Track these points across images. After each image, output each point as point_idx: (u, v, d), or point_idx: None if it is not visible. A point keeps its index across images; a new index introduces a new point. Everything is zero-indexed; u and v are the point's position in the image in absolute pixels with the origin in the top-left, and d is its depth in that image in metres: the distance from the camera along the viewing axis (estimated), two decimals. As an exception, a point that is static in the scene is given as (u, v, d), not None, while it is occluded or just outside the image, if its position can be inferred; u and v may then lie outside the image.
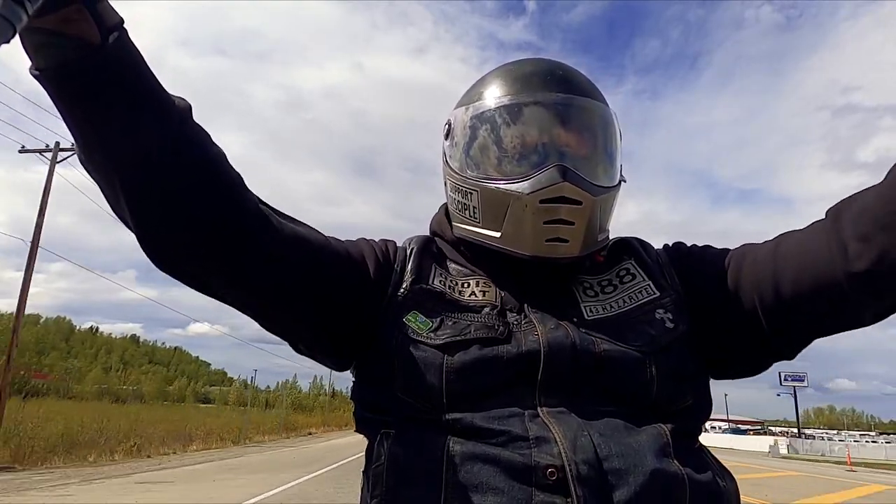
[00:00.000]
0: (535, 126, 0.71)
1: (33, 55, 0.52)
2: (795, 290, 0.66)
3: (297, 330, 0.72)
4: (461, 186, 0.76)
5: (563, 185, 0.68)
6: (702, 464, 0.63)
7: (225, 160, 0.63)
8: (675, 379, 0.67)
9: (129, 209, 0.58)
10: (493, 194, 0.72)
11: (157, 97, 0.57)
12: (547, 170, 0.69)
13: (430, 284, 0.74)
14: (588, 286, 0.75)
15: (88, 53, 0.51)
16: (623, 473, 0.57)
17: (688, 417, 0.67)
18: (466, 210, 0.76)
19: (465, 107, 0.78)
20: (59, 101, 0.54)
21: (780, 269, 0.67)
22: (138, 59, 0.55)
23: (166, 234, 0.60)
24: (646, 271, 0.76)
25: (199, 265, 0.63)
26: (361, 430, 0.72)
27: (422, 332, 0.68)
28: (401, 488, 0.61)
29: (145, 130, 0.56)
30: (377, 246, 0.78)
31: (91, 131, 0.55)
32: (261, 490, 8.43)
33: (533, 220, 0.69)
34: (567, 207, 0.69)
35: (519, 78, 0.75)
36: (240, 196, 0.63)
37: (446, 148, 0.80)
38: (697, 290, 0.74)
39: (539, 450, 0.59)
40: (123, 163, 0.56)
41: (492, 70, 0.81)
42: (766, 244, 0.72)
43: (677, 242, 0.82)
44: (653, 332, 0.68)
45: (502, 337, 0.67)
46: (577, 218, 0.70)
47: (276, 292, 0.67)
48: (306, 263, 0.68)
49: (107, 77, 0.53)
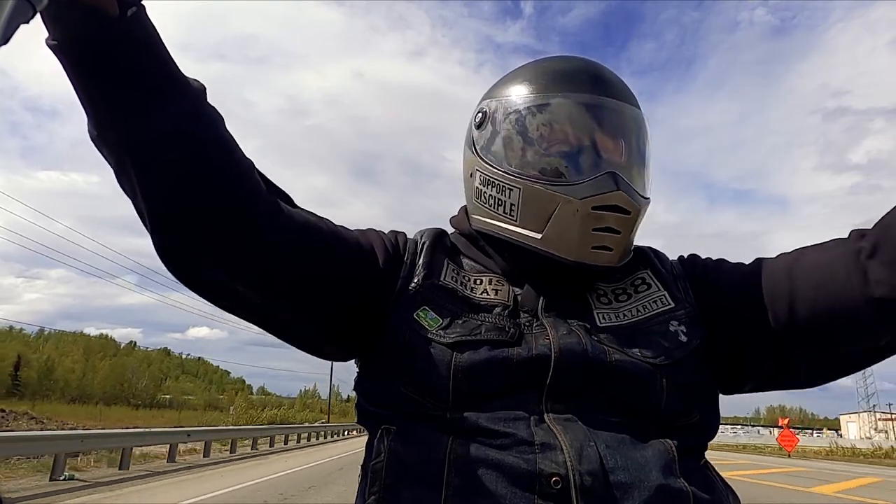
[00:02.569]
0: (589, 129, 0.69)
1: (50, 26, 0.52)
2: (811, 309, 0.64)
3: (302, 317, 0.70)
4: (498, 181, 0.72)
5: (618, 193, 0.66)
6: (707, 481, 0.63)
7: (236, 145, 0.62)
8: (684, 394, 0.65)
9: (139, 185, 0.57)
10: (540, 194, 0.69)
11: (173, 76, 0.56)
12: (601, 176, 0.67)
13: (442, 280, 0.72)
14: (602, 293, 0.73)
15: (106, 25, 0.51)
16: (628, 488, 0.56)
17: (694, 433, 0.66)
18: (501, 206, 0.73)
19: (508, 97, 0.74)
20: (74, 75, 0.53)
21: (797, 287, 0.66)
22: (155, 36, 0.55)
23: (176, 213, 0.59)
24: (661, 282, 0.74)
25: (208, 246, 0.61)
26: (363, 422, 0.71)
27: (431, 329, 0.66)
28: (400, 487, 0.60)
29: (159, 109, 0.55)
30: (387, 237, 0.76)
31: (104, 107, 0.55)
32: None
33: (581, 225, 0.67)
34: (616, 216, 0.67)
35: (567, 75, 0.72)
36: (250, 180, 0.63)
37: (477, 137, 0.76)
38: (711, 305, 0.72)
39: (544, 456, 0.58)
40: (135, 141, 0.55)
41: (533, 61, 0.77)
42: (782, 259, 0.71)
43: (692, 255, 0.81)
44: (666, 345, 0.67)
45: (513, 339, 0.66)
46: (623, 227, 0.68)
47: (285, 276, 0.65)
48: (316, 246, 0.67)
49: (123, 51, 0.52)
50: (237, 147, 0.62)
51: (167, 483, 8.24)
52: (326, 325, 0.70)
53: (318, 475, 9.59)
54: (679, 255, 0.82)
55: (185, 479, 8.87)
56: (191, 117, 0.57)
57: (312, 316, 0.69)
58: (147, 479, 8.52)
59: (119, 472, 8.86)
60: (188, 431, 12.48)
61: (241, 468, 10.88)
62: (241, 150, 0.63)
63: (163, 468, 10.00)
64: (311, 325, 0.71)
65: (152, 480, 8.40)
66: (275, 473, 9.85)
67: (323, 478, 9.18)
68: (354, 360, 0.77)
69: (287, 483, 8.37)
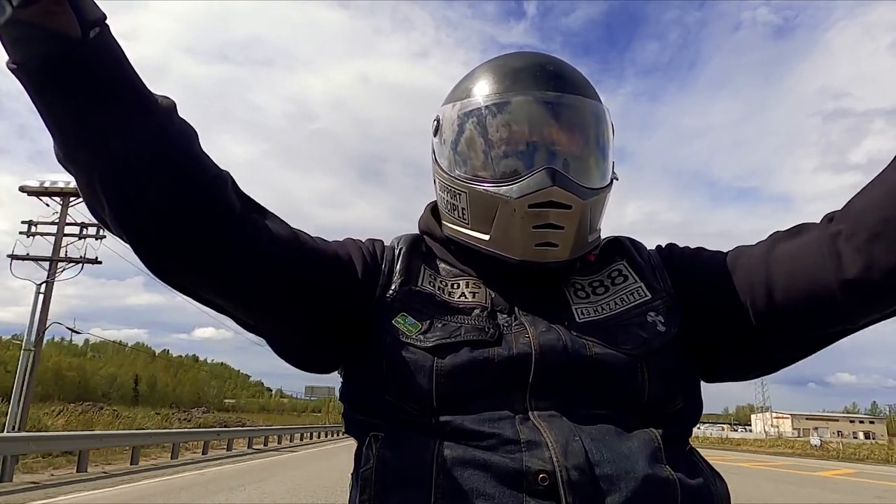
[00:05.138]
0: (524, 125, 0.70)
1: (11, 48, 0.51)
2: (788, 295, 0.66)
3: (282, 331, 0.71)
4: (450, 186, 0.74)
5: (552, 189, 0.66)
6: (693, 468, 0.64)
7: (209, 161, 0.62)
8: (666, 382, 0.66)
9: (108, 205, 0.57)
10: (482, 196, 0.70)
11: (139, 95, 0.56)
12: (536, 173, 0.67)
13: (420, 286, 0.73)
14: (579, 287, 0.74)
15: (68, 47, 0.51)
16: (615, 479, 0.57)
17: (679, 420, 0.68)
18: (455, 210, 0.75)
19: (453, 103, 0.76)
20: (38, 97, 0.53)
21: (773, 273, 0.67)
22: (120, 56, 0.55)
23: (147, 232, 0.59)
24: (638, 272, 0.75)
25: (183, 264, 0.62)
26: (350, 431, 0.72)
27: (411, 335, 0.67)
28: (390, 492, 0.61)
29: (127, 128, 0.55)
30: (364, 246, 0.77)
31: (68, 128, 0.55)
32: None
33: (521, 224, 0.68)
34: (556, 212, 0.68)
35: (508, 73, 0.73)
36: (224, 196, 0.62)
37: (435, 145, 0.79)
38: (690, 293, 0.73)
39: (530, 454, 0.58)
40: (102, 159, 0.55)
41: (482, 63, 0.78)
42: (758, 246, 0.72)
43: (670, 244, 0.81)
44: (645, 335, 0.68)
45: (493, 339, 0.66)
46: (566, 222, 0.68)
47: (260, 291, 0.66)
48: (290, 261, 0.67)
49: (87, 72, 0.52)
50: (211, 163, 0.62)
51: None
52: (308, 338, 0.72)
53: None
54: (657, 245, 0.82)
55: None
56: (160, 134, 0.57)
57: (294, 328, 0.71)
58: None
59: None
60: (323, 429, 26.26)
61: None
62: (216, 165, 0.63)
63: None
64: (296, 338, 0.72)
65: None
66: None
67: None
68: (338, 370, 0.78)
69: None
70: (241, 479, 9.44)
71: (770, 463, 20.52)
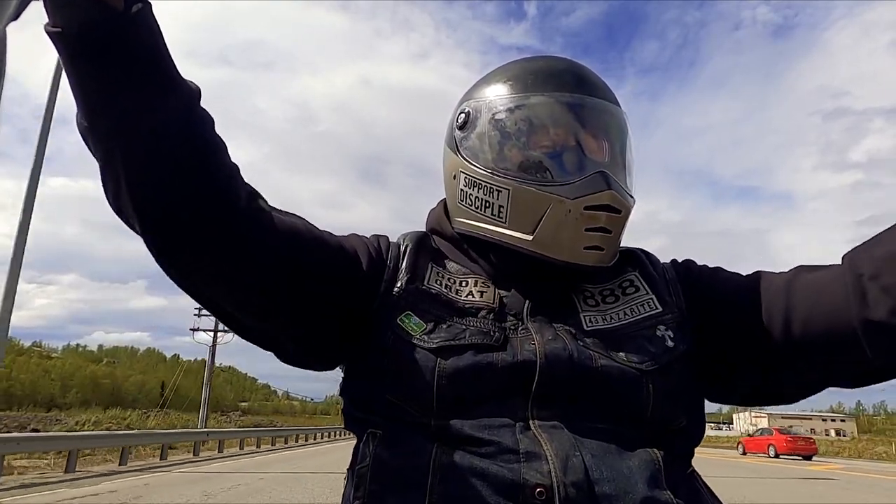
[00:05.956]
0: (577, 129, 0.70)
1: (52, 11, 0.52)
2: (806, 328, 0.64)
3: (285, 326, 0.69)
4: (484, 182, 0.71)
5: (609, 192, 0.66)
6: (693, 492, 0.63)
7: (225, 148, 0.63)
8: (671, 399, 0.65)
9: (125, 178, 0.57)
10: (530, 195, 0.68)
11: (171, 75, 0.57)
12: (591, 176, 0.67)
13: (426, 284, 0.72)
14: (589, 295, 0.73)
15: (109, 17, 0.51)
16: (613, 500, 0.56)
17: (681, 439, 0.66)
18: (488, 208, 0.72)
19: (492, 97, 0.74)
20: (72, 65, 0.53)
21: (793, 304, 0.66)
22: (158, 34, 0.56)
23: (160, 210, 0.59)
24: (650, 285, 0.73)
25: (193, 246, 0.61)
26: (349, 427, 0.71)
27: (415, 334, 0.66)
28: (384, 493, 0.60)
29: (155, 102, 0.56)
30: (369, 242, 0.76)
31: (98, 99, 0.55)
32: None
33: (574, 225, 0.67)
34: (607, 215, 0.67)
35: (554, 75, 0.72)
36: (236, 182, 0.63)
37: (460, 138, 0.75)
38: (703, 312, 0.72)
39: (528, 466, 0.57)
40: (127, 131, 0.55)
41: (516, 61, 0.77)
42: (781, 275, 0.70)
43: (687, 260, 0.79)
44: (652, 350, 0.66)
45: (497, 344, 0.65)
46: (614, 227, 0.69)
47: (272, 280, 0.65)
48: (300, 248, 0.67)
49: (124, 46, 0.53)
50: (226, 150, 0.63)
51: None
52: (309, 332, 0.70)
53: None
54: (672, 259, 0.80)
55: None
56: (185, 114, 0.58)
57: (296, 321, 0.69)
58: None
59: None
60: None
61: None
62: (229, 154, 0.64)
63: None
64: (298, 332, 0.70)
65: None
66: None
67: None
68: (339, 365, 0.77)
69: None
70: (297, 460, 14.84)
71: (731, 457, 23.58)
